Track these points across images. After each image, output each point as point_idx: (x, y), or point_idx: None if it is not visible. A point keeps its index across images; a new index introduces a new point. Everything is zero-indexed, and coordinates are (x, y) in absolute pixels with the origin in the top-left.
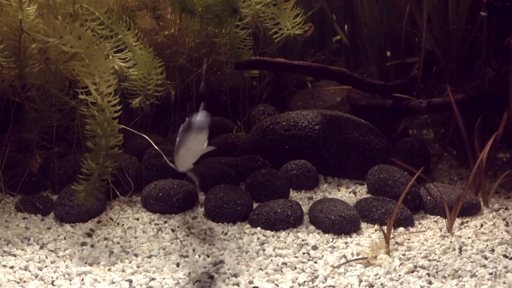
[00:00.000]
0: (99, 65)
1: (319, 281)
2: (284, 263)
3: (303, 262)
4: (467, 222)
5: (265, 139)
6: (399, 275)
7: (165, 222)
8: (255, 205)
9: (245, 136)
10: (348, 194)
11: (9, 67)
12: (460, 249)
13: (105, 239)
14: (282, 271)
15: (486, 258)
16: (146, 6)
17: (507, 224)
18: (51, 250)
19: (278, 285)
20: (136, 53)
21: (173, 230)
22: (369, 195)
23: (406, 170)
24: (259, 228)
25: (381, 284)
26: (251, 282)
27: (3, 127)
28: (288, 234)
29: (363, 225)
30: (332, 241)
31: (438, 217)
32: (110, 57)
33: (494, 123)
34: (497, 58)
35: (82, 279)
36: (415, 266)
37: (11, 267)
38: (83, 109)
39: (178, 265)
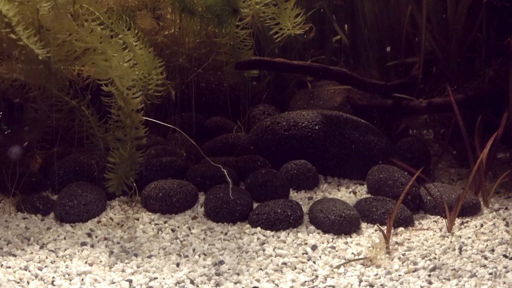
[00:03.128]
0: (116, 59)
1: (319, 281)
2: (284, 263)
3: (303, 262)
4: (467, 222)
5: (265, 139)
6: (399, 275)
7: (165, 222)
8: (255, 205)
9: (245, 136)
10: (348, 194)
11: (44, 60)
12: (460, 249)
13: (105, 239)
14: (282, 271)
15: (486, 258)
16: (146, 6)
17: (507, 224)
18: (51, 250)
19: (278, 285)
20: (136, 53)
21: (173, 230)
22: (369, 195)
23: (406, 170)
24: (259, 228)
25: (381, 284)
26: (251, 282)
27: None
28: (288, 234)
29: (363, 225)
30: (332, 241)
31: (438, 217)
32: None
33: (494, 123)
34: (497, 58)
35: (82, 279)
36: (415, 266)
37: (11, 267)
38: (106, 101)
39: (178, 265)
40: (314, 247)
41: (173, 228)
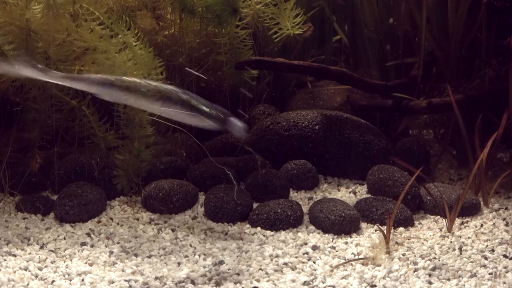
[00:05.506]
0: (119, 57)
1: (319, 281)
2: (284, 263)
3: (303, 262)
4: (467, 222)
5: (265, 139)
6: (399, 275)
7: (165, 222)
8: (255, 205)
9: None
10: (348, 194)
11: None
12: (460, 249)
13: (106, 238)
14: (282, 271)
15: (486, 258)
16: (146, 6)
17: (507, 224)
18: (51, 250)
19: (278, 285)
20: (136, 53)
21: (173, 230)
22: (369, 195)
23: (406, 170)
24: (259, 228)
25: (381, 284)
26: (251, 282)
27: (3, 127)
28: (288, 234)
29: (363, 225)
30: (332, 241)
31: (438, 217)
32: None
33: (494, 123)
34: (497, 58)
35: (82, 279)
36: (415, 266)
37: (11, 267)
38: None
39: (178, 265)
40: (314, 247)
41: (173, 228)
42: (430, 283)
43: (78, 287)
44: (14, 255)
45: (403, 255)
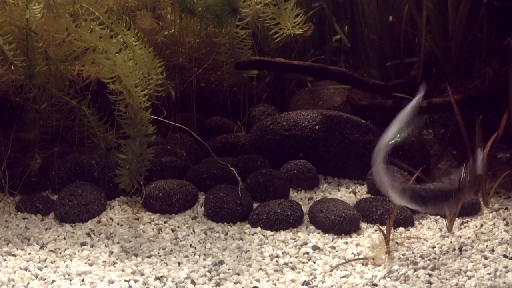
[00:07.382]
0: (119, 57)
1: (319, 281)
2: (284, 263)
3: (303, 262)
4: (467, 222)
5: (265, 139)
6: (399, 275)
7: (165, 222)
8: (255, 205)
9: (245, 136)
10: (348, 194)
11: (21, 66)
12: (460, 249)
13: (106, 238)
14: (282, 271)
15: (486, 258)
16: (146, 6)
17: (507, 224)
18: (51, 250)
19: (278, 285)
20: (136, 53)
21: (173, 230)
22: (369, 195)
23: (406, 170)
24: (259, 228)
25: (382, 284)
26: (251, 282)
27: (4, 127)
28: (288, 234)
29: (363, 225)
30: (332, 241)
31: (438, 217)
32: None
33: (494, 123)
34: (497, 58)
35: (82, 279)
36: (415, 266)
37: (11, 267)
38: (113, 99)
39: (178, 264)
40: (314, 247)
41: (173, 228)
42: (430, 283)
43: (78, 287)
44: (14, 255)
45: (403, 255)
